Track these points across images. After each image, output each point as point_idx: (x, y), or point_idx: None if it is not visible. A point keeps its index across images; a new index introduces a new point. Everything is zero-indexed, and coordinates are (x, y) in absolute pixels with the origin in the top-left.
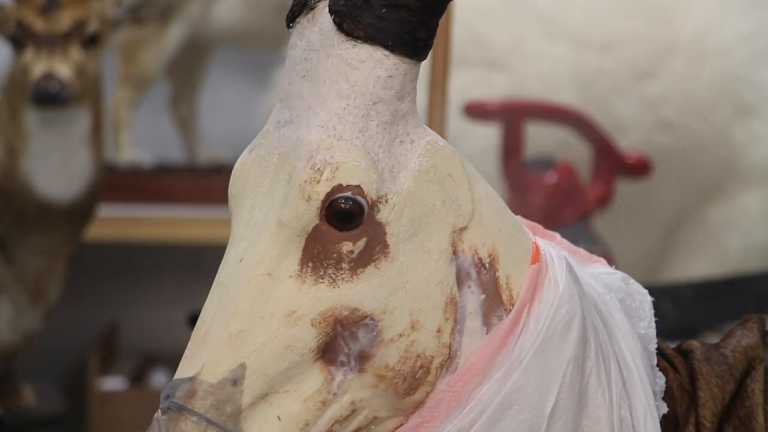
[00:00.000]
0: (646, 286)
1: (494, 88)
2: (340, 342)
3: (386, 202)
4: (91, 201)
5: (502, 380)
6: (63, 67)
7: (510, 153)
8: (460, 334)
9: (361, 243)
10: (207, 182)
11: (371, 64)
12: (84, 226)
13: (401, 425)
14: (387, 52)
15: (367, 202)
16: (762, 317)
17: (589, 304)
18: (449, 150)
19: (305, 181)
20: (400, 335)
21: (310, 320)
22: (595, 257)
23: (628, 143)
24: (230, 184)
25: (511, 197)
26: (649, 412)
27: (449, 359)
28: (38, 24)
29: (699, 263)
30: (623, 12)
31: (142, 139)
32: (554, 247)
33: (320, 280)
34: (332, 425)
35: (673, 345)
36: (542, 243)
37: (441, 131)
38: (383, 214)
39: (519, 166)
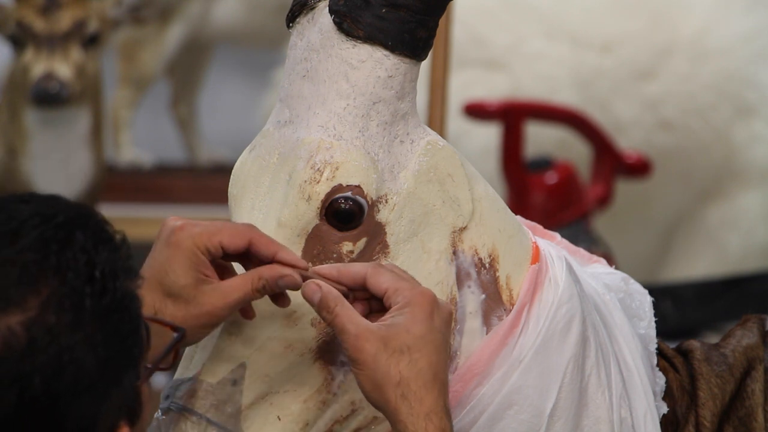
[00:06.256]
0: (646, 286)
1: (494, 88)
2: (340, 342)
3: (386, 202)
4: (91, 201)
5: (502, 380)
6: (63, 67)
7: (510, 153)
8: (460, 334)
9: (361, 243)
10: (207, 182)
11: (371, 64)
12: None
13: None
14: (387, 52)
15: (367, 202)
16: (762, 317)
17: (589, 304)
18: (449, 150)
19: (305, 181)
20: None
21: (310, 320)
22: (595, 257)
23: (628, 143)
24: (230, 184)
25: (511, 197)
26: (649, 412)
27: (449, 359)
28: (38, 24)
29: (699, 263)
30: (623, 12)
31: (142, 139)
32: (554, 247)
33: None
34: (332, 425)
35: (673, 345)
36: (542, 243)
37: (441, 131)
38: (383, 214)
39: (519, 166)
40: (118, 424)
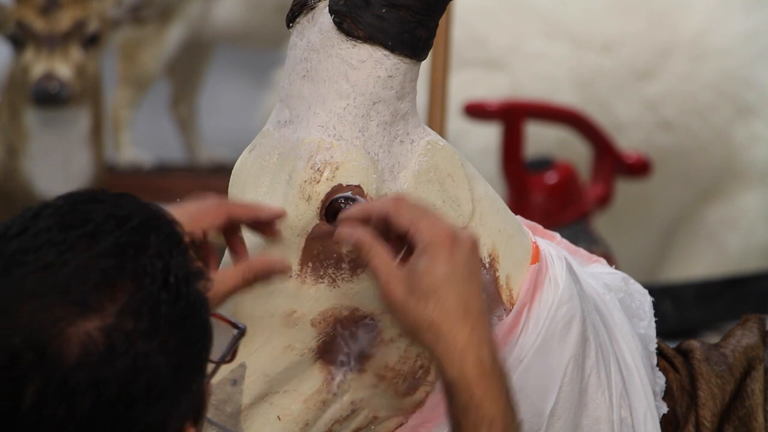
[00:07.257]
0: (646, 286)
1: (494, 88)
2: (339, 342)
3: None
4: None
5: None
6: (63, 67)
7: (510, 153)
8: None
9: None
10: (207, 182)
11: (371, 64)
12: None
13: (401, 425)
14: (387, 52)
15: (367, 201)
16: (762, 317)
17: (589, 304)
18: (449, 150)
19: (305, 181)
20: (400, 335)
21: (310, 320)
22: (595, 257)
23: (628, 143)
24: (230, 184)
25: (511, 197)
26: (649, 412)
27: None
28: (38, 24)
29: (699, 263)
30: (623, 12)
31: (142, 139)
32: (554, 247)
33: (320, 280)
34: (332, 425)
35: (673, 345)
36: (542, 243)
37: (441, 131)
38: None
39: (519, 166)
40: (185, 426)
